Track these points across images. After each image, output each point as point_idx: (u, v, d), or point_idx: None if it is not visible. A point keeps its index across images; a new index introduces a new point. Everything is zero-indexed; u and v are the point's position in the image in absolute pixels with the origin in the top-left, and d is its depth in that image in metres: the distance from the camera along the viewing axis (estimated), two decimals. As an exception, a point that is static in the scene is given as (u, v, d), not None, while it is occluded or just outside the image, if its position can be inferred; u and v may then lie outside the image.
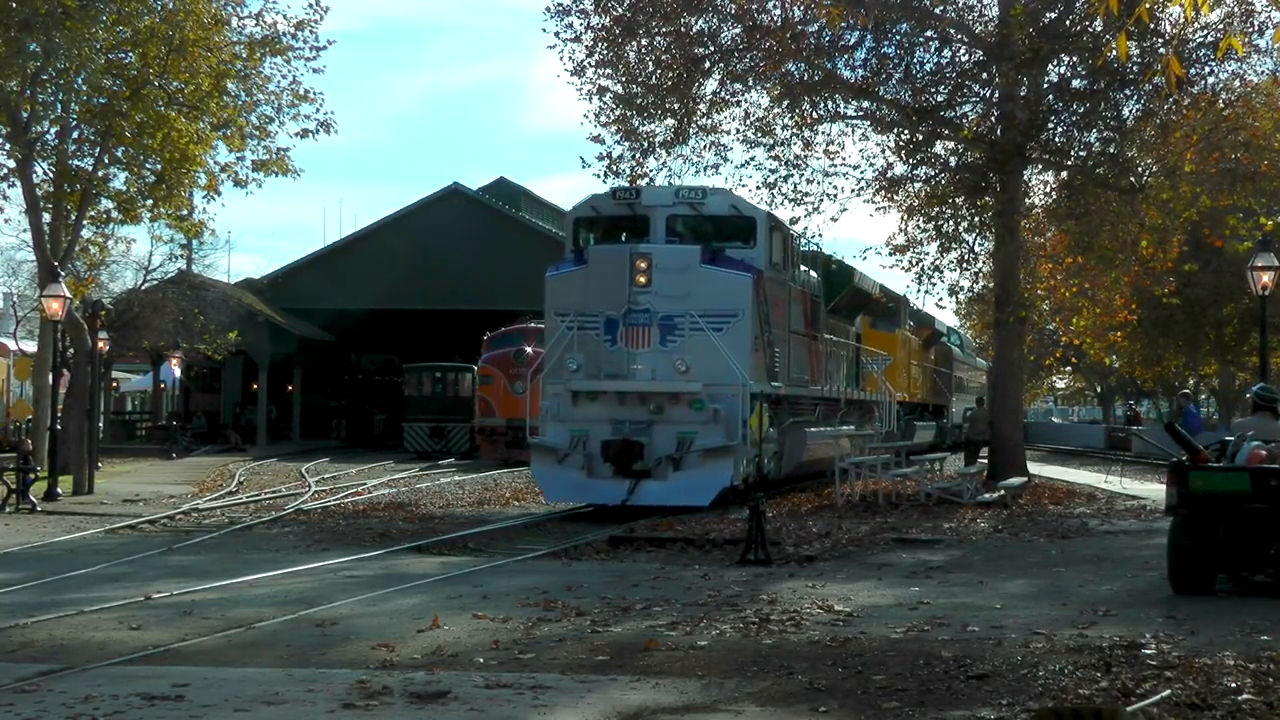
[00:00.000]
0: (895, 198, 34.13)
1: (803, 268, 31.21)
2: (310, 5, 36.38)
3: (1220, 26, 29.53)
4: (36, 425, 36.90)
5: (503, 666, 11.30)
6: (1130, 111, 31.94)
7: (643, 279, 25.12)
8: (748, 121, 33.26)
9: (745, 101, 33.06)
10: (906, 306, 44.70)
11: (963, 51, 32.60)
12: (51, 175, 36.39)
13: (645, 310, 25.16)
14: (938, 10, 31.60)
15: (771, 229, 27.71)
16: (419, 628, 13.08)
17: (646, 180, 31.75)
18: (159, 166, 36.29)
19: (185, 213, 38.67)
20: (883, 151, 33.64)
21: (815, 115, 32.59)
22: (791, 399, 29.40)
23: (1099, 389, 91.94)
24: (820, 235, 34.46)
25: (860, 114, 33.16)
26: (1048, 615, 14.12)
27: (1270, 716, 9.24)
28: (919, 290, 34.65)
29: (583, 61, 32.48)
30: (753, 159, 33.79)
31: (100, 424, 41.31)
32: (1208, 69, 30.59)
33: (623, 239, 26.83)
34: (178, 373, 64.13)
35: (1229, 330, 52.16)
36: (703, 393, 24.86)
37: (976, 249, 33.62)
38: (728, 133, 33.52)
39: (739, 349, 25.18)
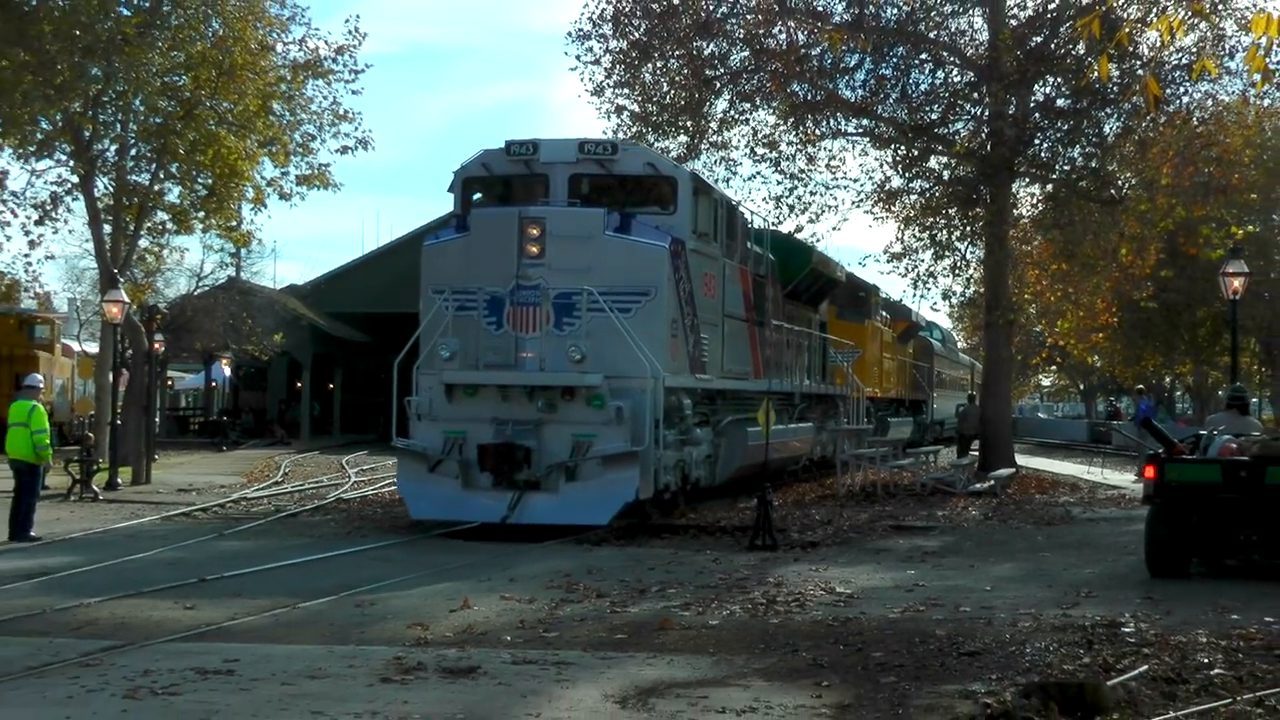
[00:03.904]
0: (892, 209, 34.11)
1: (750, 245, 25.91)
2: (349, 32, 36.59)
3: (1194, 50, 29.58)
4: (98, 420, 37.04)
5: (528, 644, 11.31)
6: (1111, 128, 31.96)
7: (535, 249, 19.87)
8: (755, 138, 33.31)
9: (753, 119, 33.11)
10: (878, 296, 41.24)
11: (955, 73, 32.62)
12: (112, 190, 36.53)
13: (536, 286, 19.84)
14: (932, 35, 31.64)
15: (696, 192, 22.03)
16: (450, 608, 13.10)
17: None
18: (210, 181, 36.39)
19: (234, 224, 38.77)
20: (880, 166, 33.78)
21: (818, 132, 32.63)
22: (732, 394, 24.50)
23: (1082, 386, 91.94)
24: (820, 240, 32.99)
25: (860, 131, 33.19)
26: (1034, 596, 14.12)
27: (1239, 690, 9.23)
28: (915, 295, 34.67)
29: (602, 82, 32.58)
30: (759, 173, 33.86)
31: (156, 419, 41.37)
32: (1182, 89, 30.64)
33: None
34: (227, 372, 64.26)
35: (1202, 332, 52.19)
36: (603, 386, 19.47)
37: (968, 256, 33.75)
38: (737, 148, 33.59)
39: (651, 334, 19.87)
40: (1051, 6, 30.48)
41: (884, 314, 43.09)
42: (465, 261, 20.39)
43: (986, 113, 31.75)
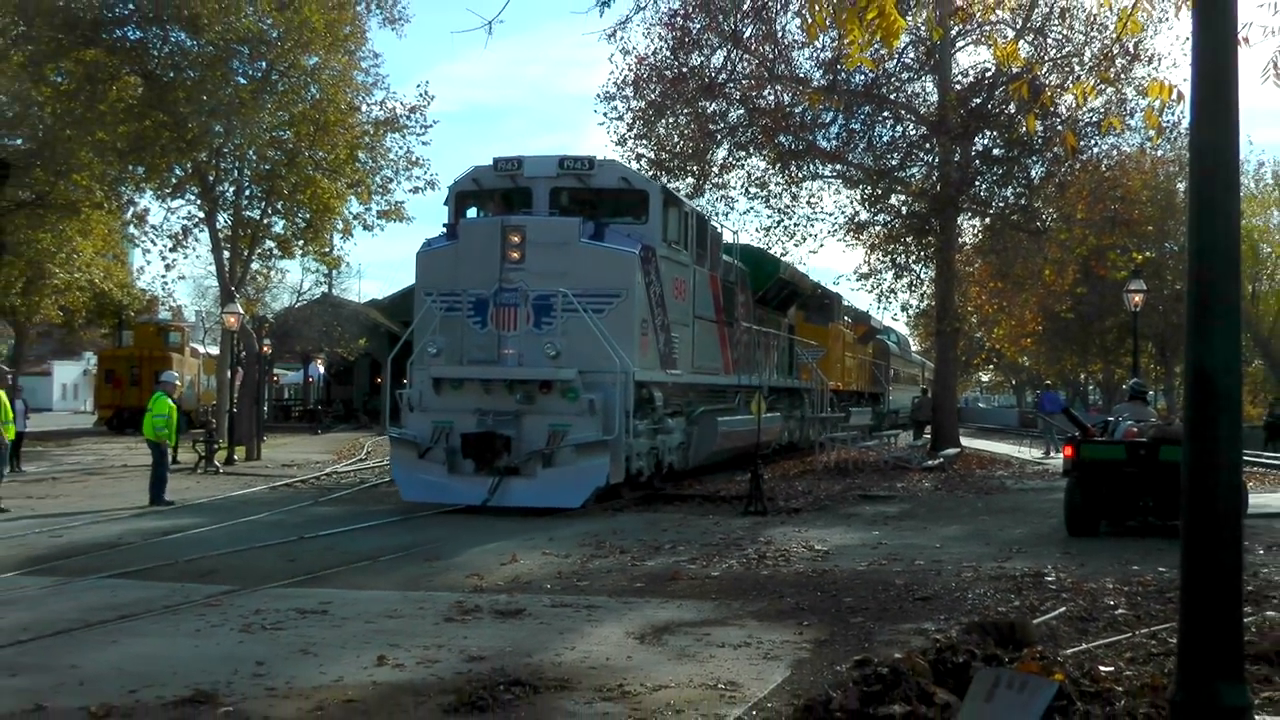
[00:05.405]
0: (860, 237, 34.06)
1: (721, 254, 23.73)
2: (420, 95, 37.09)
3: (1103, 110, 29.50)
4: (218, 409, 37.20)
5: (564, 591, 11.30)
6: (1036, 173, 31.98)
7: (516, 254, 18.07)
8: (749, 180, 33.31)
9: (747, 165, 33.10)
10: (840, 302, 38.98)
11: (911, 127, 32.55)
12: (230, 223, 36.82)
13: (517, 289, 18.07)
14: (892, 96, 31.60)
15: (667, 204, 20.03)
16: (501, 562, 13.08)
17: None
18: (308, 215, 36.67)
19: (327, 250, 39.14)
20: (851, 202, 33.76)
21: (800, 175, 32.60)
22: (704, 387, 22.57)
23: (1014, 382, 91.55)
24: (804, 262, 32.90)
25: (834, 174, 33.14)
26: (975, 552, 14.07)
27: (1138, 626, 9.22)
28: (879, 307, 34.63)
29: (624, 135, 32.57)
30: (752, 208, 33.85)
31: (264, 408, 41.50)
32: (1093, 142, 30.65)
33: None
34: (321, 370, 64.34)
35: (1110, 337, 52.28)
36: (577, 381, 17.71)
37: (922, 276, 33.76)
38: (734, 188, 33.59)
39: (622, 332, 18.03)
40: (988, 74, 30.46)
41: (847, 319, 41.73)
42: (454, 266, 18.58)
43: (936, 159, 31.70)
